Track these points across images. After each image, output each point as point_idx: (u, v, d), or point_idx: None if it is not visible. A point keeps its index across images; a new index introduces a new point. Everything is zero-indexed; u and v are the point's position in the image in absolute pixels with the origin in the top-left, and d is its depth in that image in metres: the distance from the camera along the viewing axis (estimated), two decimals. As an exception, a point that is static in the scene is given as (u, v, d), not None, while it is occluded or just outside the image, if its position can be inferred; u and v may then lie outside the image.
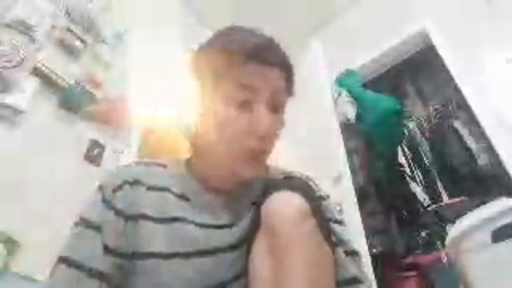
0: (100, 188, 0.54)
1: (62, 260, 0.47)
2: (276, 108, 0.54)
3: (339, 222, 0.56)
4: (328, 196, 0.60)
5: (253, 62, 0.51)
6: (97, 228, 0.49)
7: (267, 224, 0.44)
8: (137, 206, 0.52)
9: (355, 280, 0.49)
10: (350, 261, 0.51)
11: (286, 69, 0.56)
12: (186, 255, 0.48)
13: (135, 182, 0.54)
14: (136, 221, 0.51)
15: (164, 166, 0.60)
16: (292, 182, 0.48)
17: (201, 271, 0.48)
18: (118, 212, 0.51)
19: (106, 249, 0.48)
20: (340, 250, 0.50)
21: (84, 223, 0.50)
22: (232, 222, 0.54)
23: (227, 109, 0.52)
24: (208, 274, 0.48)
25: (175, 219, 0.52)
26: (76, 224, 0.51)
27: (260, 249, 0.44)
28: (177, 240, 0.49)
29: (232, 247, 0.51)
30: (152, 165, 0.60)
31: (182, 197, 0.55)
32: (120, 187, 0.53)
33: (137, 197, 0.53)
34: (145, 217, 0.51)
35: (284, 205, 0.44)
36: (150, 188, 0.55)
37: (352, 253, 0.53)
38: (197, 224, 0.52)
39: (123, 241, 0.49)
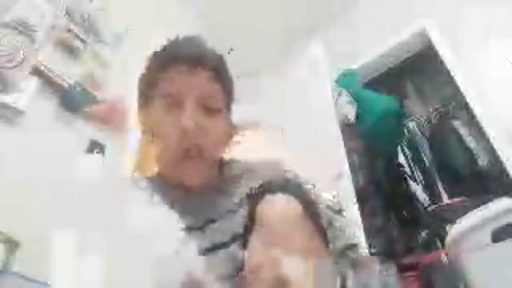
0: None
1: None
2: (211, 111, 0.54)
3: (339, 213, 0.59)
4: (314, 186, 0.60)
5: (172, 67, 0.52)
6: None
7: (262, 224, 0.45)
8: None
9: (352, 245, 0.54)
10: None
11: (212, 69, 0.54)
12: None
13: None
14: None
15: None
16: (286, 185, 0.48)
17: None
18: None
19: None
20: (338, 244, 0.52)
21: None
22: (211, 220, 0.53)
23: (159, 116, 0.53)
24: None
25: None
26: None
27: (255, 244, 0.45)
28: None
29: (223, 244, 0.51)
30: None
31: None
32: None
33: None
34: None
35: (279, 208, 0.44)
36: None
37: (351, 247, 0.57)
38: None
39: None
